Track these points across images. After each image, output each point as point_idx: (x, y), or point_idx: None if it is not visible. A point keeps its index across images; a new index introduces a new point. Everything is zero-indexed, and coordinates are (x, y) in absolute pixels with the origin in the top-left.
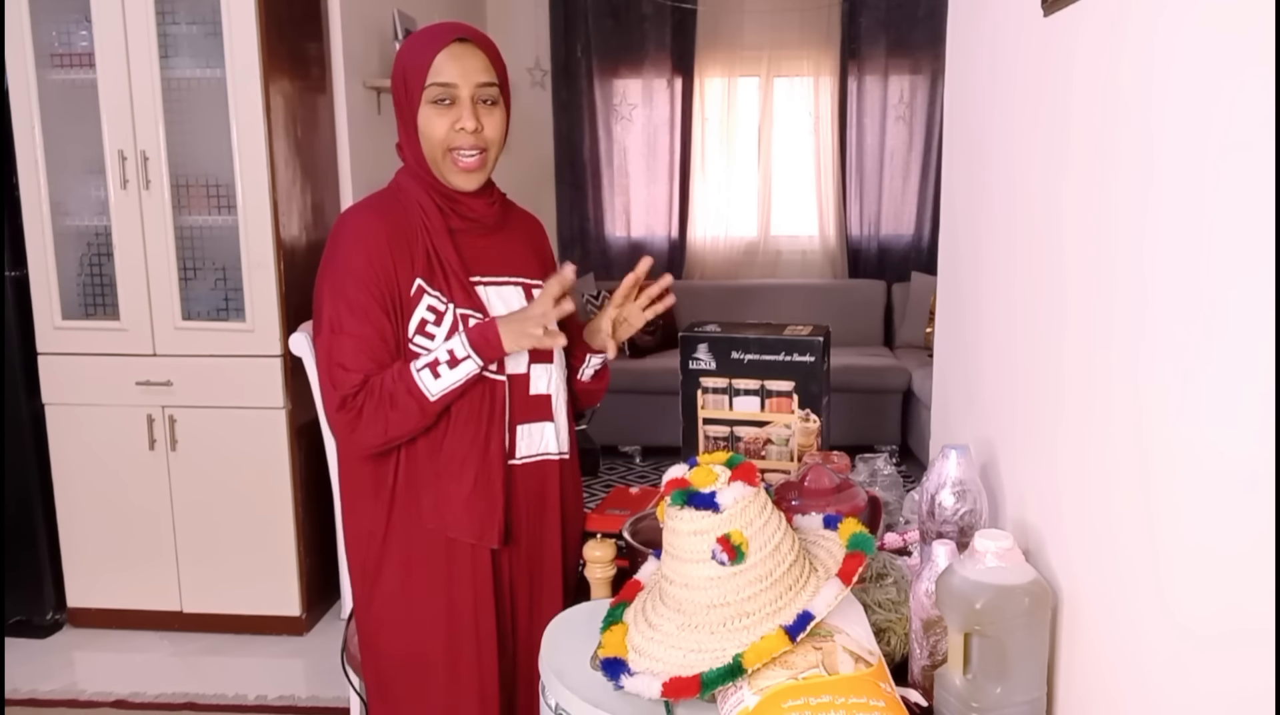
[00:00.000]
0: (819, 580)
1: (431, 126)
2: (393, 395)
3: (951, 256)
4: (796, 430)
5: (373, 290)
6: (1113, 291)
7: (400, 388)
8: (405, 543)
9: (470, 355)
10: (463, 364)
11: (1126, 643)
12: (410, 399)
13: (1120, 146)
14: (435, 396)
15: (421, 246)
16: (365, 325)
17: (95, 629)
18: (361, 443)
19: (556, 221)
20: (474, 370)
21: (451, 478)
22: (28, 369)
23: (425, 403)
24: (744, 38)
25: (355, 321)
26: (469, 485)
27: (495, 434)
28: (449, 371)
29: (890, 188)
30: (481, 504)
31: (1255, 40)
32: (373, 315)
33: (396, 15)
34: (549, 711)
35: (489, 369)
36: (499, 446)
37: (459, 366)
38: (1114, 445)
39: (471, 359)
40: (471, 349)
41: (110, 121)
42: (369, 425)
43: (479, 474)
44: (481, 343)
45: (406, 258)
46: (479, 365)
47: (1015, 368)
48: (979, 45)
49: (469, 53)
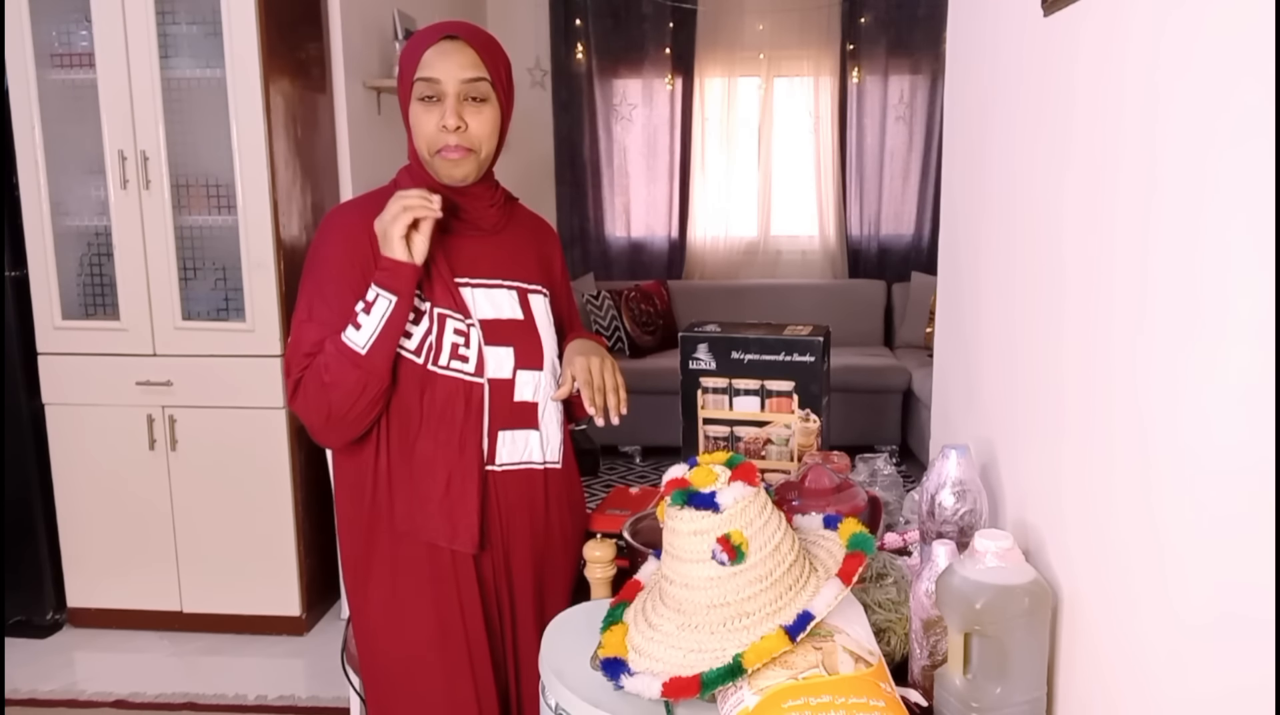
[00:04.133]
0: (819, 580)
1: (419, 123)
2: (326, 362)
3: (951, 256)
4: (796, 430)
5: (347, 284)
6: (1113, 291)
7: (331, 351)
8: (391, 546)
9: (379, 293)
10: (375, 305)
11: (1126, 642)
12: (341, 358)
13: (1120, 146)
14: (364, 347)
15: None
16: (333, 316)
17: (95, 629)
18: (315, 423)
19: (556, 221)
20: (387, 307)
21: (424, 480)
22: (28, 369)
23: (357, 358)
24: (744, 38)
25: (324, 311)
26: (441, 488)
27: (471, 437)
28: (366, 317)
29: (890, 188)
30: (454, 507)
31: (1256, 39)
32: (343, 308)
33: (396, 15)
34: (549, 711)
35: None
36: (475, 450)
37: (373, 309)
38: (1114, 445)
39: (382, 296)
40: (378, 286)
41: (110, 121)
42: (313, 400)
43: (452, 476)
44: (384, 276)
45: None
46: (390, 298)
47: (1015, 368)
48: (979, 45)
49: (456, 49)
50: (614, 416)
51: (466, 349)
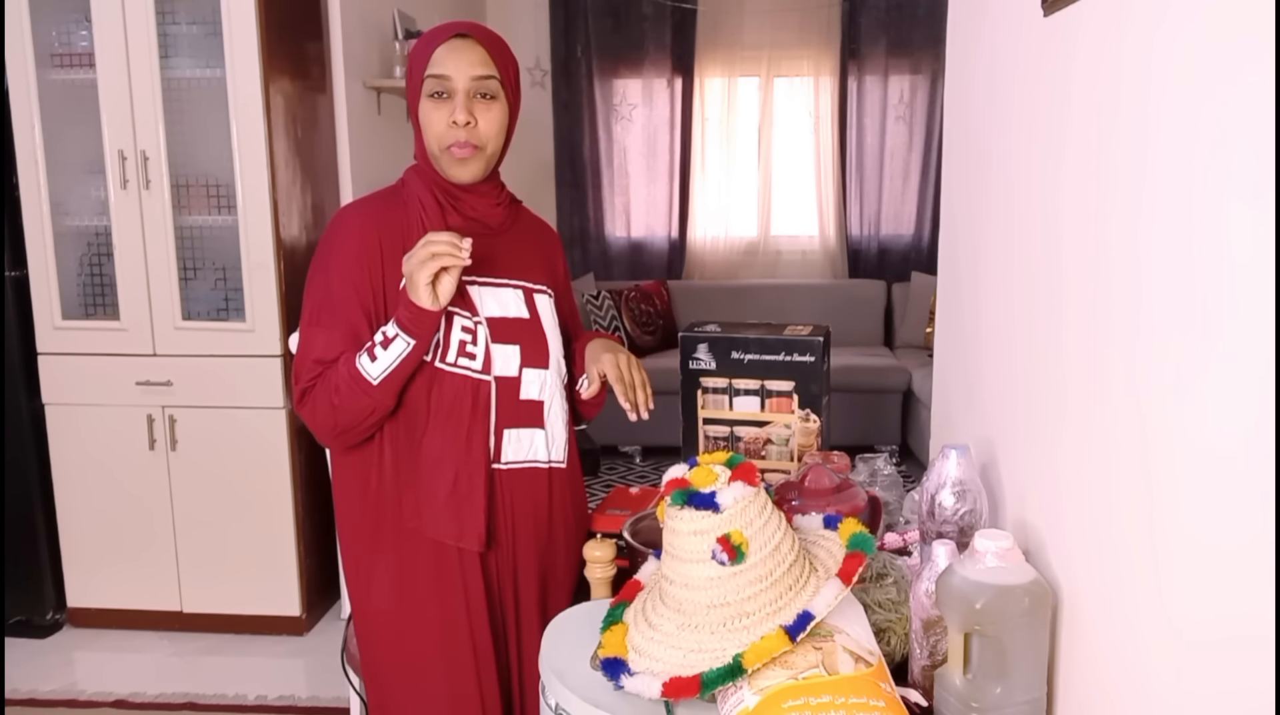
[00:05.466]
0: (819, 580)
1: (429, 120)
2: (337, 384)
3: (951, 256)
4: (796, 430)
5: (355, 287)
6: (1112, 291)
7: (344, 374)
8: (395, 545)
9: (399, 333)
10: (394, 343)
11: (1126, 643)
12: (354, 385)
13: (1119, 146)
14: (376, 379)
15: (415, 244)
16: (341, 321)
17: (95, 629)
18: (321, 433)
19: (556, 221)
20: (405, 348)
21: (431, 476)
22: (28, 369)
23: (369, 387)
24: (744, 38)
25: (331, 317)
26: (448, 484)
27: (478, 435)
28: (383, 352)
29: (890, 188)
30: (462, 504)
31: (1254, 40)
32: (350, 312)
33: (396, 15)
34: (549, 711)
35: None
36: (481, 448)
37: (391, 346)
38: (1114, 445)
39: (401, 337)
40: (399, 327)
41: (110, 121)
42: (322, 415)
43: (459, 473)
44: (406, 318)
45: (398, 255)
46: (409, 342)
47: (1015, 368)
48: (979, 45)
49: (467, 46)
50: (644, 411)
51: (474, 346)
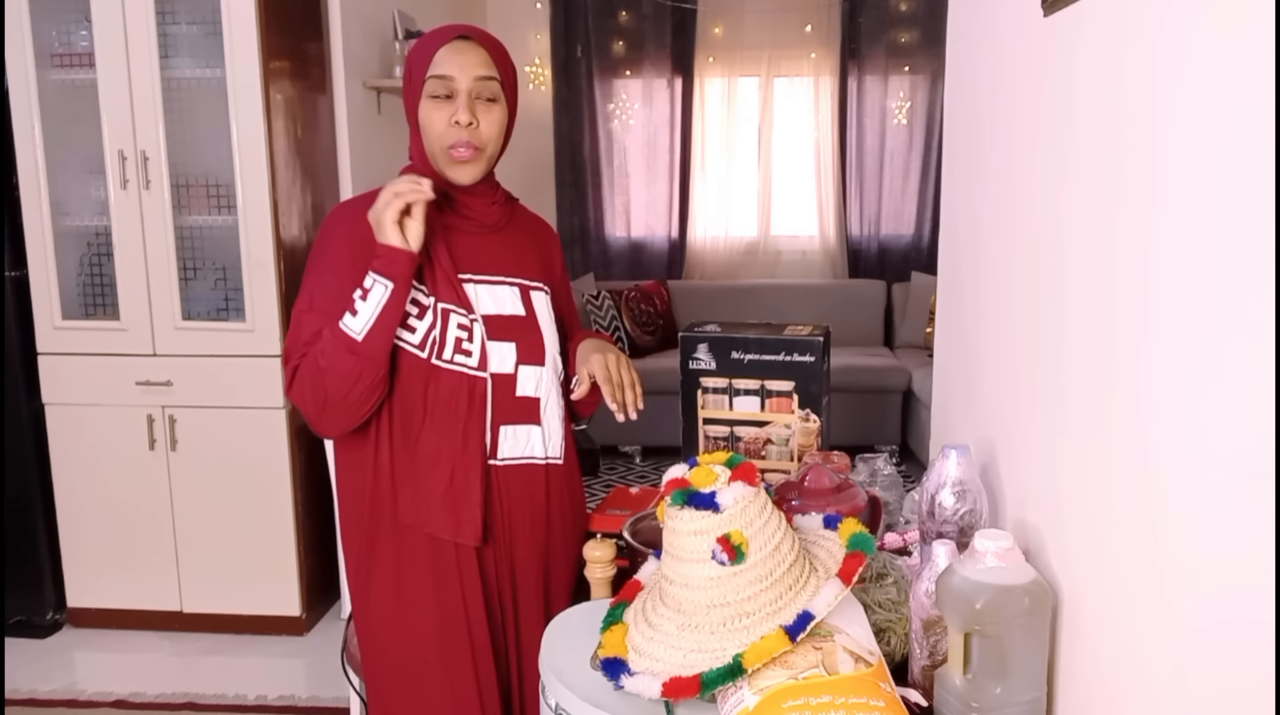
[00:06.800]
0: (819, 580)
1: (430, 120)
2: (323, 347)
3: (951, 256)
4: (796, 430)
5: (350, 277)
6: (1113, 292)
7: (328, 339)
8: (393, 542)
9: (376, 279)
10: (372, 292)
11: (1126, 642)
12: (338, 346)
13: (1121, 146)
14: (360, 333)
15: None
16: (334, 307)
17: (95, 629)
18: (310, 409)
19: (556, 221)
20: (384, 293)
21: (428, 473)
22: (28, 369)
23: (354, 344)
24: (744, 38)
25: (325, 302)
26: (445, 480)
27: (474, 430)
28: (363, 304)
29: (890, 188)
30: (458, 500)
31: (1257, 39)
32: (344, 300)
33: (396, 15)
34: (549, 711)
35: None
36: (478, 444)
37: (370, 295)
38: (1114, 445)
39: (378, 282)
40: (374, 272)
41: (110, 121)
42: (309, 386)
43: (456, 469)
44: (379, 262)
45: None
46: (386, 285)
47: (1015, 368)
48: (979, 45)
49: (469, 48)
50: (632, 411)
51: (470, 343)
